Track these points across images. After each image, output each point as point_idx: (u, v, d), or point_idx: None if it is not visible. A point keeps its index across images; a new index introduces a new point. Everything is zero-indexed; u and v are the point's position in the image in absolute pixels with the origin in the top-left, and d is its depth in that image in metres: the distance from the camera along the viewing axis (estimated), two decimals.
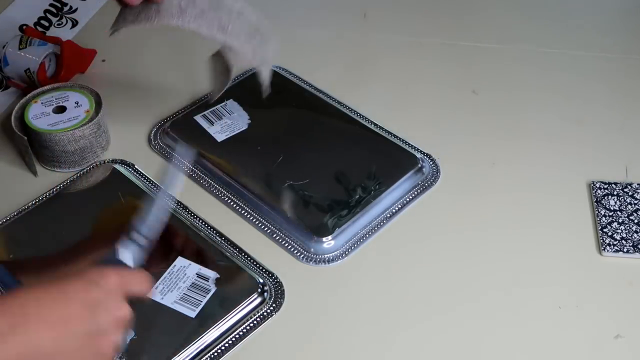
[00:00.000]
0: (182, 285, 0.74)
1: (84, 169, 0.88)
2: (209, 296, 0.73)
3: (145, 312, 0.72)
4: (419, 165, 0.87)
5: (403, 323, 0.73)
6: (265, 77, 0.78)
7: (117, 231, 0.77)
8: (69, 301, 0.54)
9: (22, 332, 0.51)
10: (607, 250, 0.78)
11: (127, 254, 0.63)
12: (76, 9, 1.13)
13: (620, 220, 0.81)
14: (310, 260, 0.79)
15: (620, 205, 0.83)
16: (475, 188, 0.87)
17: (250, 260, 0.78)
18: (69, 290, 0.55)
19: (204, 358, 0.70)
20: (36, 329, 0.52)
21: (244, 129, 0.91)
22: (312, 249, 0.79)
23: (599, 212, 0.82)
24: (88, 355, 0.55)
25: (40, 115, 0.87)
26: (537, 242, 0.81)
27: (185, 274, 0.75)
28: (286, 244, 0.80)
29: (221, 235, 0.81)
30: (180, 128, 0.92)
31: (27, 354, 0.51)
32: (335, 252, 0.79)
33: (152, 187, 0.86)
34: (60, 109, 0.88)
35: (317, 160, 0.88)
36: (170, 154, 0.90)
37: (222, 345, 0.71)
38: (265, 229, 0.82)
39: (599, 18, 1.13)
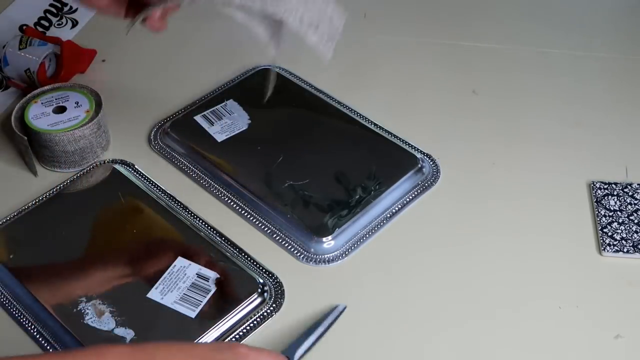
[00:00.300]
0: (182, 285, 0.74)
1: (84, 169, 0.88)
2: (209, 296, 0.73)
3: (145, 312, 0.72)
4: (419, 165, 0.87)
5: (403, 323, 0.73)
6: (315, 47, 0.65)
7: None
8: (195, 358, 0.58)
9: None
10: (607, 251, 0.78)
11: None
12: (76, 9, 1.13)
13: (621, 221, 0.81)
14: (310, 260, 0.79)
15: (620, 205, 0.83)
16: (475, 188, 0.87)
17: (250, 260, 0.78)
18: (198, 349, 0.60)
19: None
20: None
21: (244, 129, 0.91)
22: (312, 249, 0.79)
23: (599, 212, 0.82)
24: None
25: (40, 115, 0.87)
26: (537, 242, 0.81)
27: (185, 274, 0.75)
28: (286, 244, 0.80)
29: (221, 235, 0.81)
30: (180, 128, 0.92)
31: None
32: (335, 252, 0.79)
33: (153, 187, 0.86)
34: (60, 109, 0.88)
35: (317, 160, 0.88)
36: (170, 154, 0.90)
37: None
38: (265, 229, 0.82)
39: (599, 18, 1.13)
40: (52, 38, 1.00)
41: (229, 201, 0.84)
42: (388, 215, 0.83)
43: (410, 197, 0.85)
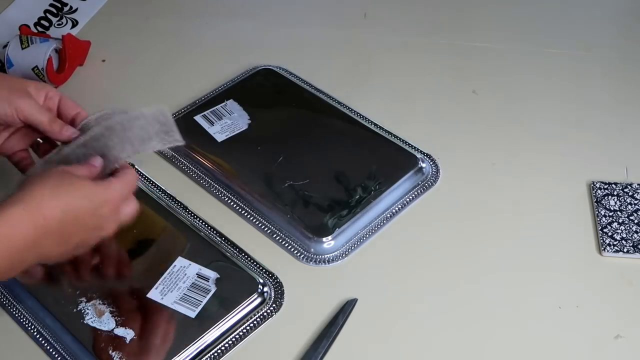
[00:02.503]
0: (182, 285, 0.74)
1: None
2: (209, 296, 0.73)
3: (145, 312, 0.72)
4: (419, 165, 0.87)
5: (403, 323, 0.73)
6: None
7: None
8: (76, 224, 0.63)
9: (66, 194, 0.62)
10: (607, 251, 0.78)
11: None
12: (76, 9, 1.13)
13: (621, 221, 0.81)
14: (310, 260, 0.79)
15: (621, 205, 0.83)
16: (475, 188, 0.86)
17: (250, 260, 0.78)
18: (80, 211, 0.63)
19: (204, 358, 0.70)
20: (77, 195, 0.62)
21: (244, 129, 0.91)
22: (312, 249, 0.79)
23: (599, 213, 0.82)
24: (60, 258, 0.65)
25: None
26: (537, 241, 0.81)
27: (185, 274, 0.75)
28: (286, 244, 0.80)
29: (221, 235, 0.81)
30: (180, 128, 0.91)
31: (68, 209, 0.61)
32: (335, 252, 0.79)
33: (153, 187, 0.86)
34: None
35: (317, 160, 0.88)
36: (170, 154, 0.90)
37: (222, 346, 0.71)
38: (265, 229, 0.81)
39: (599, 18, 1.13)
40: (47, 35, 1.01)
41: (229, 201, 0.84)
42: (388, 216, 0.83)
43: (410, 197, 0.85)
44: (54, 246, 0.62)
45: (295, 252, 0.79)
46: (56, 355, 0.70)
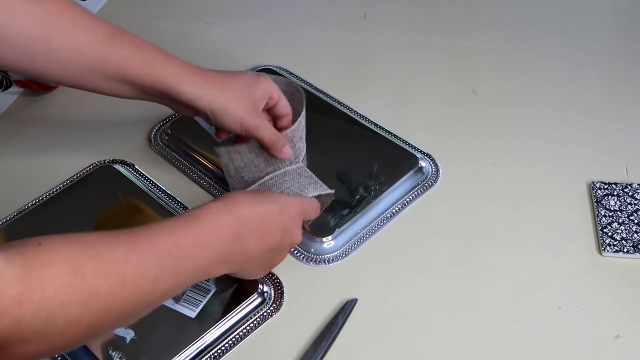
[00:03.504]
0: None
1: (84, 169, 0.88)
2: (209, 296, 0.73)
3: None
4: (419, 165, 0.87)
5: (402, 323, 0.73)
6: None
7: None
8: (270, 221, 0.69)
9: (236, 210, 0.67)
10: (607, 251, 0.78)
11: None
12: None
13: (621, 221, 0.81)
14: (310, 260, 0.79)
15: (621, 205, 0.83)
16: (475, 188, 0.87)
17: None
18: (270, 211, 0.69)
19: (204, 358, 0.70)
20: (269, 201, 0.70)
21: None
22: (312, 249, 0.79)
23: (599, 213, 0.82)
24: (263, 266, 0.72)
25: None
26: (537, 242, 0.81)
27: None
28: None
29: None
30: (180, 128, 0.92)
31: (262, 210, 0.69)
32: (335, 252, 0.79)
33: (153, 187, 0.86)
34: None
35: (317, 160, 0.87)
36: (170, 154, 0.90)
37: (222, 346, 0.71)
38: None
39: (599, 18, 1.13)
40: None
41: None
42: (388, 216, 0.83)
43: (411, 197, 0.85)
44: (254, 241, 0.67)
45: (295, 252, 0.79)
46: (56, 355, 0.70)
